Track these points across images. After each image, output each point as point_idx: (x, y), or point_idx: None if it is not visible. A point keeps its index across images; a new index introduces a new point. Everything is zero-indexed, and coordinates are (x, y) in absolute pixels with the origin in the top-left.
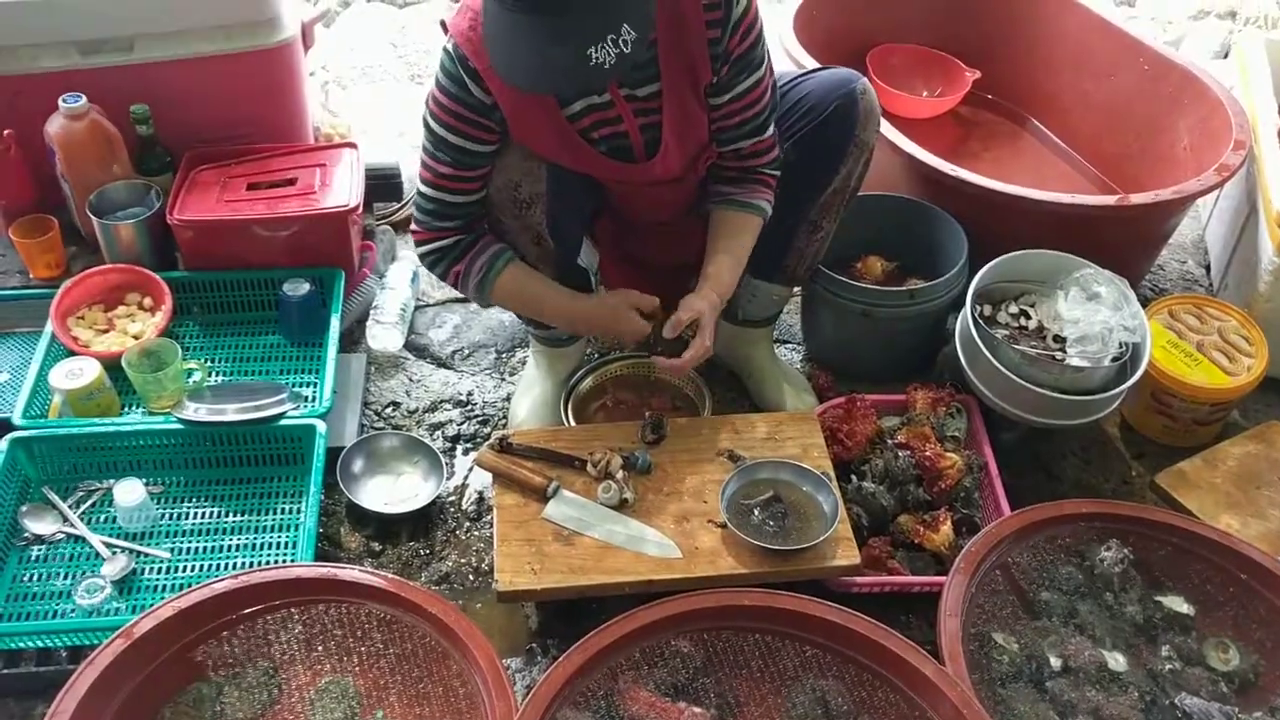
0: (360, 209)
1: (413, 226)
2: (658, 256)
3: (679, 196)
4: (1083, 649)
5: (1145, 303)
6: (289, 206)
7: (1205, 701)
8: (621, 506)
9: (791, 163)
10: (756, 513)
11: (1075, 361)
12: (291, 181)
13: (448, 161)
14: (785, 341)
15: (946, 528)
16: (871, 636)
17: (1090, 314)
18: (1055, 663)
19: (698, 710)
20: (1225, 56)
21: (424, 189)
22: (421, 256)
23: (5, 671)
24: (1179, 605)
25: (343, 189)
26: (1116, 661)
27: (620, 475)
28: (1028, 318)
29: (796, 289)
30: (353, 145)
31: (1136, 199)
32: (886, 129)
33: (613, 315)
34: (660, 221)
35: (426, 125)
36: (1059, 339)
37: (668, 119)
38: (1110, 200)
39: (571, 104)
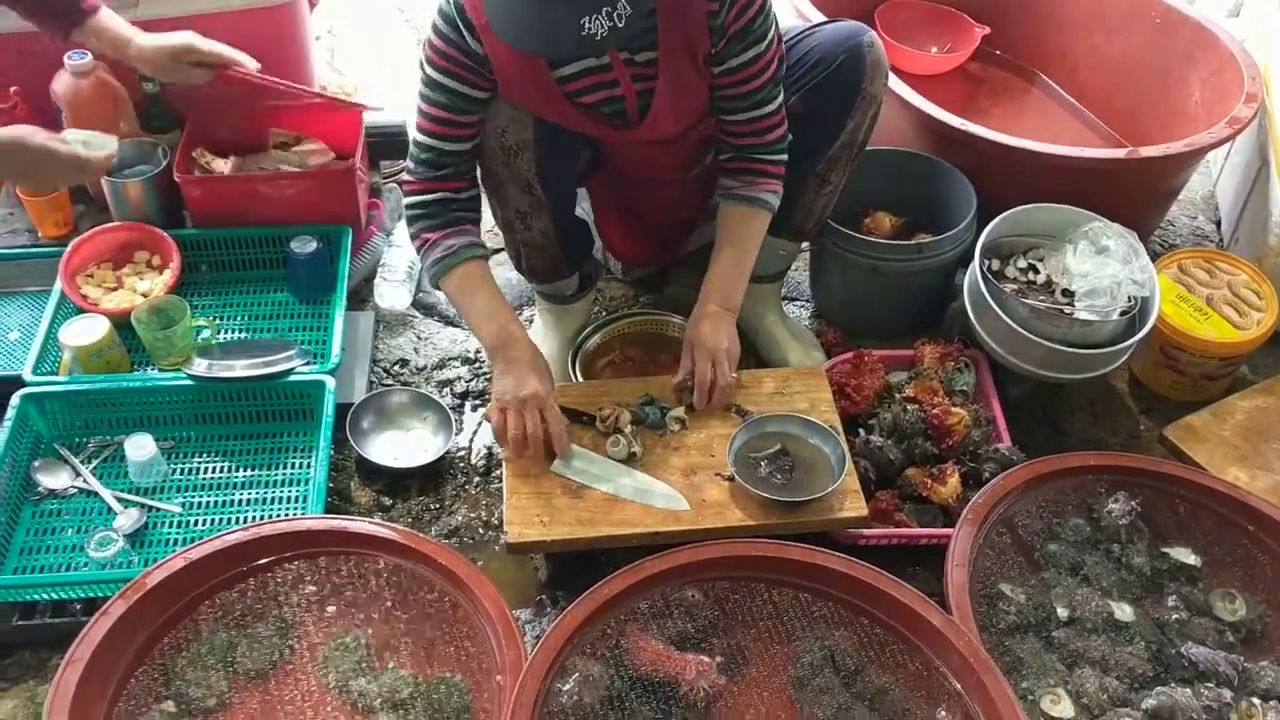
0: (365, 164)
1: (404, 175)
2: (655, 212)
3: (672, 156)
4: (1090, 600)
5: (1155, 257)
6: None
7: (1211, 650)
8: (630, 460)
9: (799, 115)
10: (764, 465)
11: (1083, 315)
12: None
13: (441, 105)
14: (793, 298)
15: (954, 480)
16: (879, 586)
17: (1099, 268)
18: (1062, 613)
19: (705, 660)
20: (1237, 15)
21: (418, 136)
22: (407, 208)
23: (21, 623)
24: (1186, 557)
25: (348, 145)
26: (1123, 612)
27: (629, 429)
28: (1036, 272)
29: (805, 244)
30: (361, 106)
31: (1147, 152)
32: (895, 83)
33: (521, 378)
34: (655, 178)
35: (422, 69)
36: (1067, 293)
37: (661, 86)
38: (1120, 153)
39: (568, 64)
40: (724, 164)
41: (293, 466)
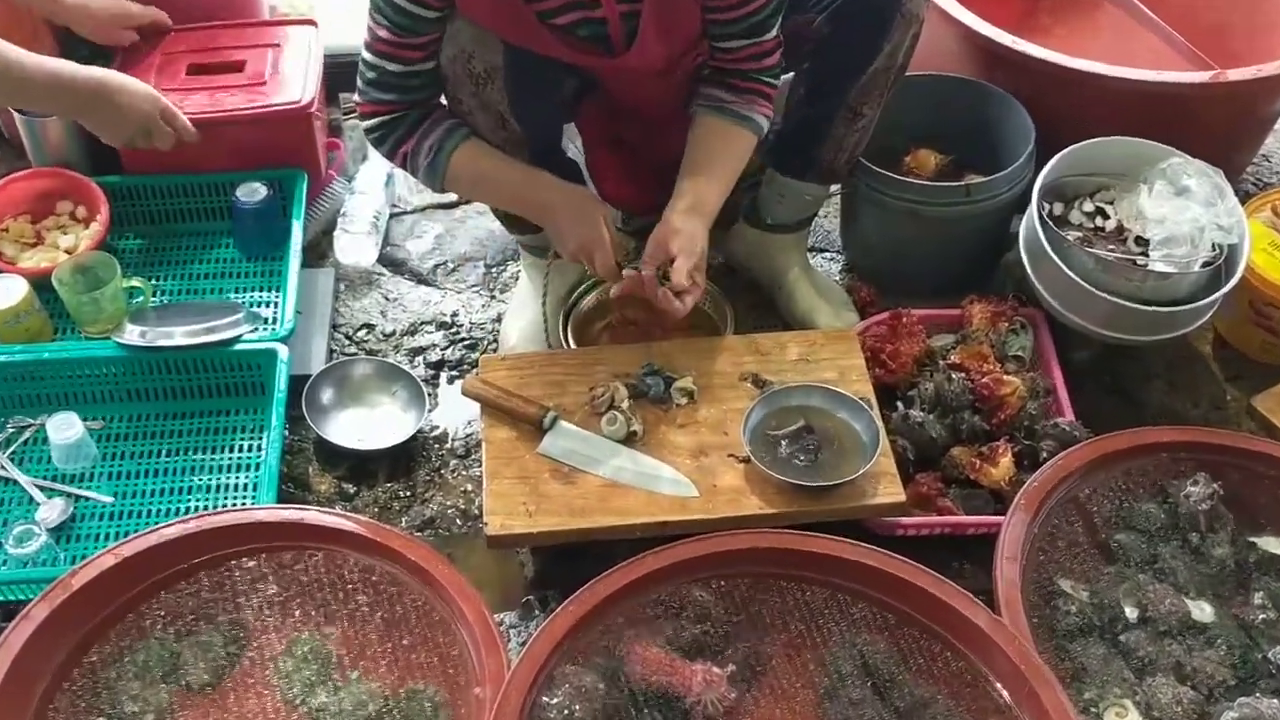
0: (322, 99)
1: (355, 97)
2: (655, 150)
3: (665, 89)
4: (1163, 597)
5: (1244, 199)
6: (237, 99)
7: None
8: (629, 440)
9: (827, 38)
10: (785, 445)
11: (1159, 267)
12: (238, 66)
13: (386, 25)
14: (821, 250)
15: (1006, 461)
16: (916, 583)
17: (1178, 211)
18: (1131, 613)
19: (716, 671)
20: None
21: (365, 54)
22: (366, 132)
23: None
24: (1276, 547)
25: (298, 76)
26: (1202, 611)
27: (626, 405)
28: (1104, 217)
29: (834, 187)
30: (311, 22)
31: (1235, 75)
32: None
33: (578, 211)
34: (652, 111)
35: None
36: (1141, 241)
37: (649, 7)
38: (1204, 77)
39: None
40: (714, 74)
41: (241, 449)
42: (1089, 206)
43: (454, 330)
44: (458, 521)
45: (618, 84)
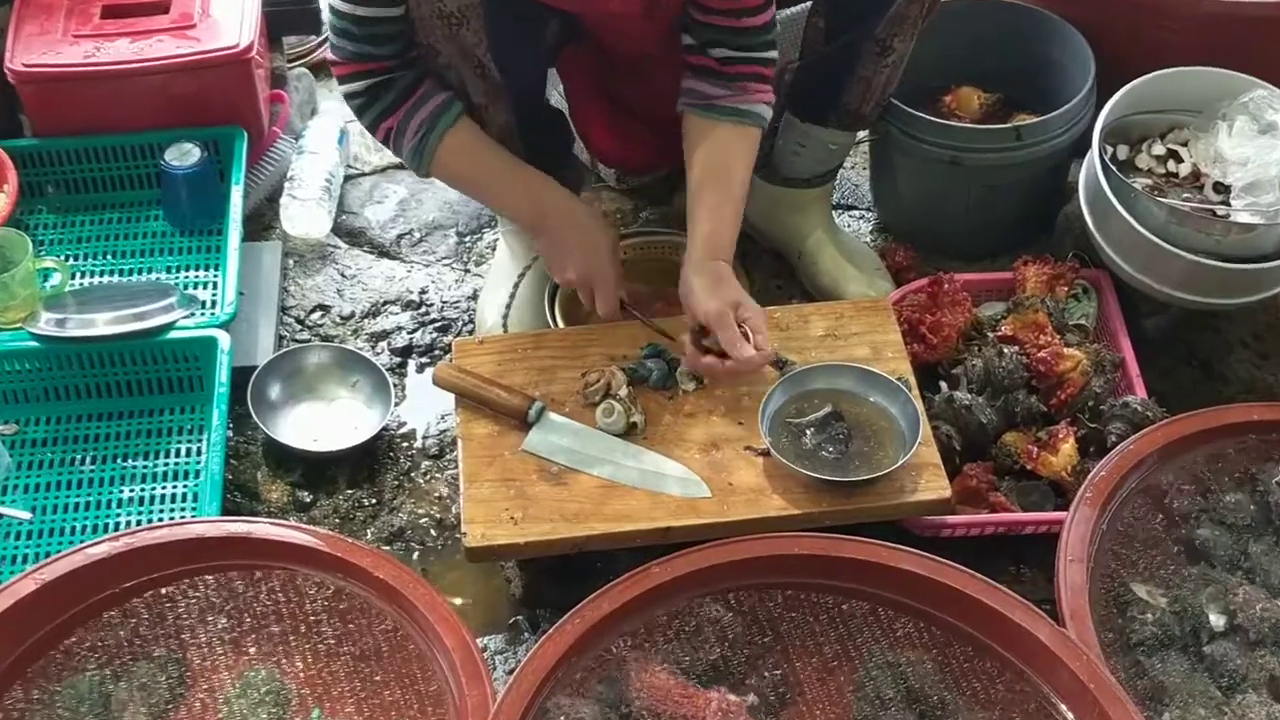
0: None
1: (329, 54)
2: (649, 102)
3: (649, 35)
4: (1255, 602)
5: None
6: (163, 44)
7: None
8: (630, 433)
9: None
10: (810, 434)
11: (1243, 217)
12: (163, 6)
13: None
14: (849, 206)
15: (1068, 447)
16: (966, 591)
17: (1264, 152)
18: (1218, 621)
19: (734, 699)
20: None
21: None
22: (346, 99)
23: None
24: None
25: (234, 17)
26: None
27: (625, 393)
28: (1178, 160)
29: (861, 134)
30: None
31: None
32: None
33: (586, 233)
34: (643, 58)
35: None
36: (1221, 188)
37: None
38: None
39: None
40: (694, 58)
41: (178, 454)
42: (1159, 149)
43: (422, 310)
44: (432, 532)
45: (601, 29)
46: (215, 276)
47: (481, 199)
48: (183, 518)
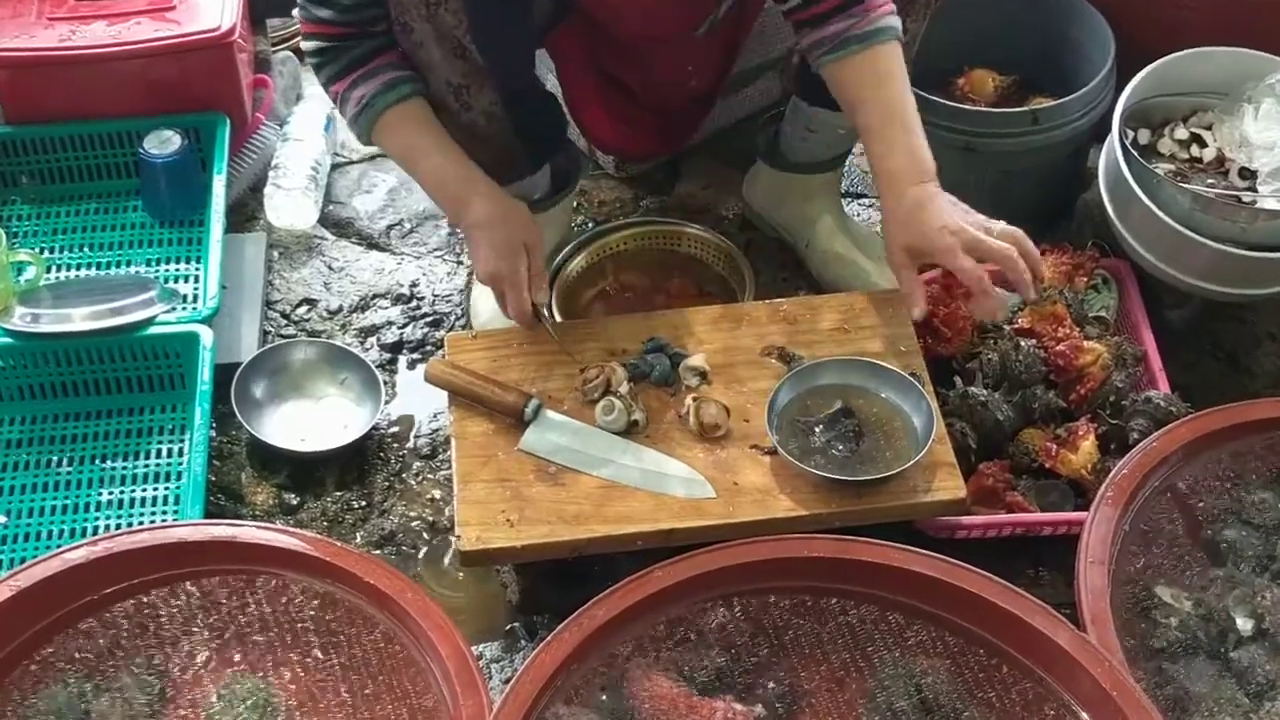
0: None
1: (295, 11)
2: (653, 89)
3: (646, 12)
4: None
5: None
6: (141, 27)
7: None
8: (631, 432)
9: None
10: (819, 432)
11: (1270, 204)
12: None
13: None
14: (858, 195)
15: (1089, 444)
16: (983, 595)
17: None
18: (1245, 625)
19: (740, 708)
20: None
21: None
22: (308, 55)
23: None
24: None
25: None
26: None
27: (625, 390)
28: (1202, 145)
29: None
30: None
31: None
32: None
33: (502, 238)
34: (647, 39)
35: None
36: (1247, 173)
37: None
38: None
39: None
40: (801, 14)
41: (159, 455)
42: (1182, 133)
43: (413, 304)
44: (424, 535)
45: (597, 5)
46: (197, 269)
47: (409, 171)
48: (164, 521)
